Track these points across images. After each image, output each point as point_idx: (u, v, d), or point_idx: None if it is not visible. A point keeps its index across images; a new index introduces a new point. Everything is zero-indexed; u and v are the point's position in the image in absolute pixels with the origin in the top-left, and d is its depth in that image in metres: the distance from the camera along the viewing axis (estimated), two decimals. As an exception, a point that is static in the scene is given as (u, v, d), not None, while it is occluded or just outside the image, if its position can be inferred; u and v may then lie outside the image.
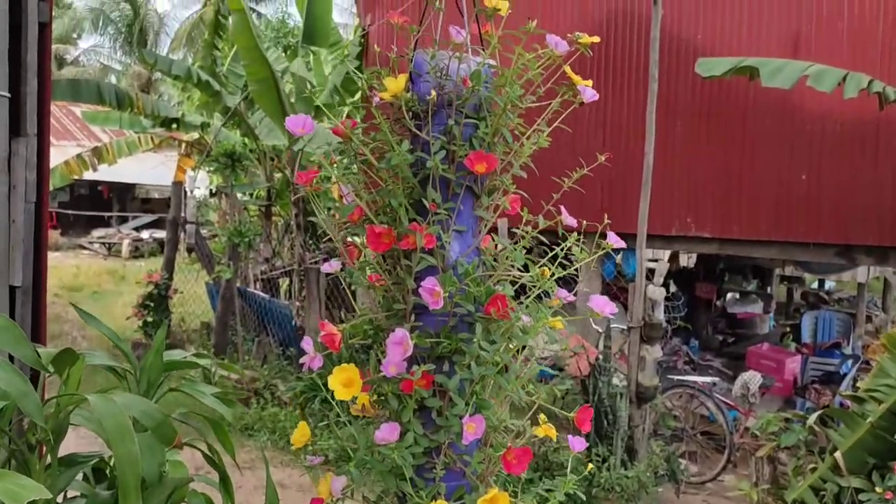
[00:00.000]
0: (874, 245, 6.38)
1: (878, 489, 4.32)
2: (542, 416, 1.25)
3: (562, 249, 1.26)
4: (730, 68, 5.68)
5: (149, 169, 19.49)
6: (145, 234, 22.02)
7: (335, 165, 1.21)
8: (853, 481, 4.55)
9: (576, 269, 1.39)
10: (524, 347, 1.26)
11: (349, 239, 1.26)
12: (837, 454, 4.68)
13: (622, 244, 1.26)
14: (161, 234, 18.81)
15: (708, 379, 7.44)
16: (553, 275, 1.24)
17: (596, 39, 1.38)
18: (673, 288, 10.41)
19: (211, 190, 19.14)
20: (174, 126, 11.23)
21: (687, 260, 12.02)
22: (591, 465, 1.98)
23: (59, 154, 13.31)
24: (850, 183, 6.34)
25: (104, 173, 18.90)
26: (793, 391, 8.37)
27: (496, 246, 1.23)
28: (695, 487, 6.42)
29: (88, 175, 12.86)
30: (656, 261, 11.75)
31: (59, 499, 1.53)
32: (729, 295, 11.82)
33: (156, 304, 9.43)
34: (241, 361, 8.44)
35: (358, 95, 9.86)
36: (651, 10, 5.82)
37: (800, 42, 6.68)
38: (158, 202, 25.27)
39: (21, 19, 2.41)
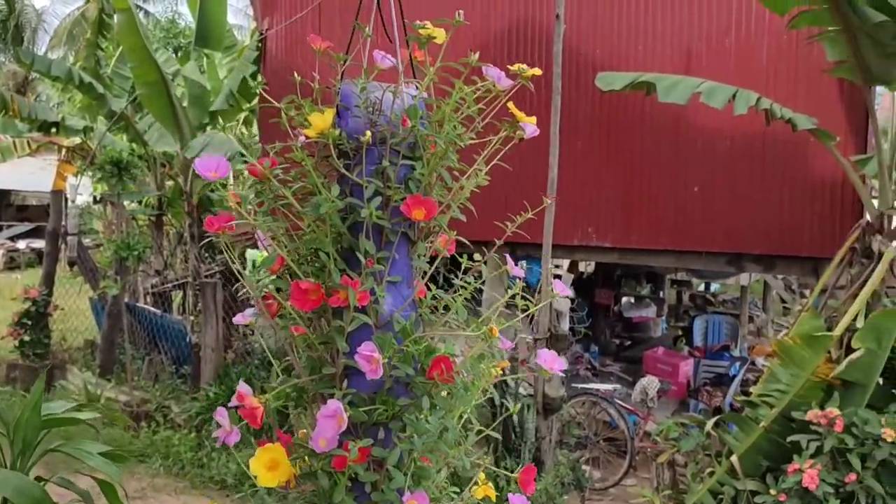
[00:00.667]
0: (762, 254, 6.69)
1: (772, 491, 4.48)
2: (481, 476, 1.16)
3: (475, 278, 1.17)
4: (628, 83, 5.80)
5: (26, 175, 18.22)
6: (21, 245, 20.54)
7: (252, 212, 1.07)
8: (748, 484, 4.72)
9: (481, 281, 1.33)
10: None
11: (267, 289, 1.12)
12: (734, 458, 4.84)
13: (567, 293, 1.19)
14: (39, 243, 17.61)
15: (609, 386, 7.61)
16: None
17: (538, 72, 1.30)
18: (573, 295, 10.64)
19: (95, 197, 18.08)
20: (53, 130, 10.49)
21: (585, 267, 12.32)
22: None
23: (-79, 159, 12.18)
24: (739, 195, 6.62)
25: (-27, 179, 17.54)
26: (686, 393, 8.70)
27: (430, 296, 1.13)
28: (599, 493, 6.54)
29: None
30: (558, 266, 11.99)
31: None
32: (624, 299, 12.21)
33: (33, 322, 8.76)
34: (130, 381, 7.95)
35: (255, 101, 9.53)
36: (553, 24, 5.89)
37: (691, 58, 6.93)
38: (36, 209, 23.71)
39: None
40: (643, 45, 7.08)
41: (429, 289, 1.21)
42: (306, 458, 1.04)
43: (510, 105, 1.22)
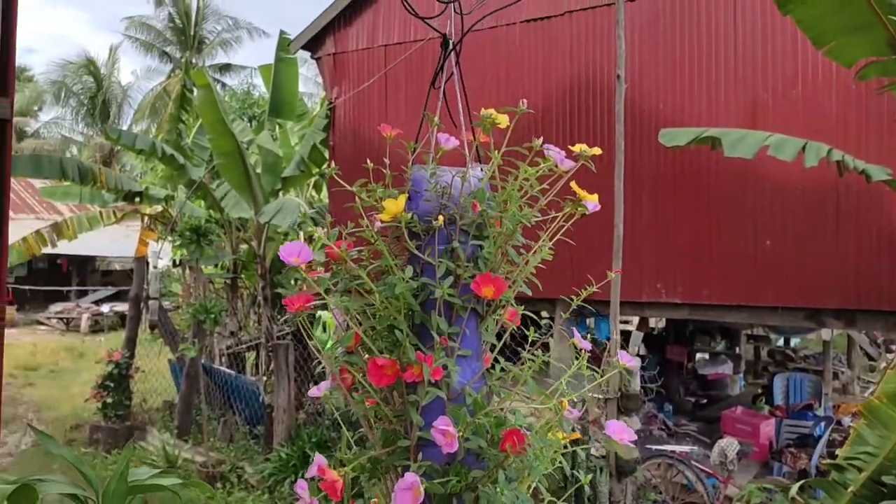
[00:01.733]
0: (841, 308, 6.45)
1: (866, 562, 4.23)
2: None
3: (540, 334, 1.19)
4: (692, 138, 5.78)
5: (109, 242, 19.15)
6: (105, 308, 21.47)
7: (331, 294, 1.13)
8: (839, 552, 4.47)
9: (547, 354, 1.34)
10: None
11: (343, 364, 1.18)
12: (822, 525, 4.61)
13: (632, 362, 1.20)
14: (122, 307, 18.39)
15: (686, 448, 7.36)
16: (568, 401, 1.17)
17: (598, 152, 1.35)
18: (644, 351, 10.41)
19: (174, 261, 18.84)
20: (137, 200, 11.08)
21: (656, 323, 12.08)
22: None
23: (17, 228, 13.00)
24: (813, 248, 6.45)
25: (64, 246, 18.56)
26: (769, 455, 8.32)
27: (499, 368, 1.16)
28: (679, 560, 6.28)
29: (48, 249, 12.57)
30: (627, 322, 11.79)
31: None
32: (699, 356, 11.87)
33: (115, 385, 9.10)
34: (205, 442, 8.13)
35: (325, 167, 9.87)
36: (615, 83, 5.95)
37: (757, 110, 6.88)
38: (119, 274, 24.81)
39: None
40: (707, 99, 7.08)
41: (497, 361, 1.25)
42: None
43: (573, 185, 1.26)
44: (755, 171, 6.63)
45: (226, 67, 31.12)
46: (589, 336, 1.48)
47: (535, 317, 1.42)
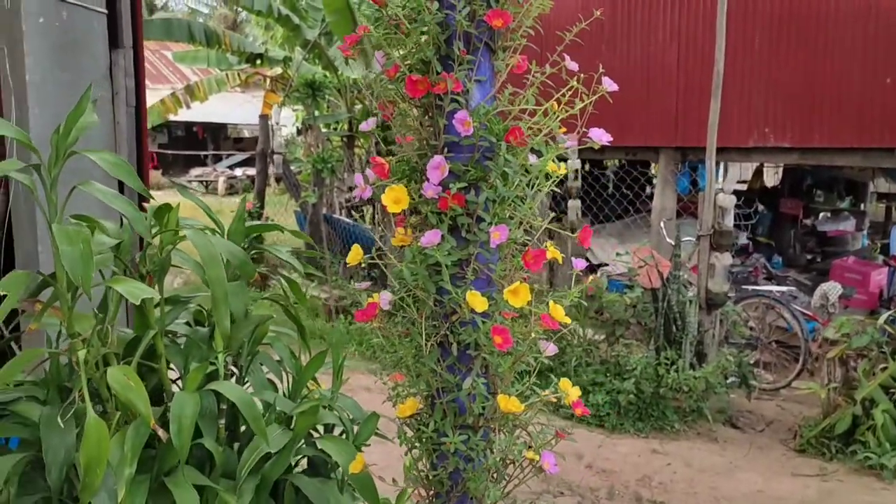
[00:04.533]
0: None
1: (948, 385, 4.33)
2: (547, 242, 1.46)
3: (563, 93, 1.42)
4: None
5: (237, 107, 20.18)
6: (238, 172, 23.00)
7: (374, 31, 1.43)
8: (924, 379, 4.58)
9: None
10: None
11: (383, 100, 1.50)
12: (909, 353, 4.70)
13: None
14: (253, 171, 19.66)
15: (784, 288, 7.40)
16: (558, 116, 1.43)
17: None
18: (760, 208, 10.21)
19: (297, 128, 19.75)
20: (258, 62, 11.65)
21: (774, 177, 11.73)
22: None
23: (156, 96, 14.03)
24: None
25: (198, 114, 19.78)
26: (878, 304, 8.21)
27: (507, 93, 1.43)
28: (768, 394, 6.52)
29: (183, 114, 13.53)
30: (745, 182, 11.52)
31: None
32: (822, 214, 11.48)
33: (249, 232, 10.01)
34: (329, 281, 8.94)
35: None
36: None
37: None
38: (249, 141, 26.17)
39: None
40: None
41: (505, 87, 1.49)
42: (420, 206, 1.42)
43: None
44: (878, 5, 6.22)
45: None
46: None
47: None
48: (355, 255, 1.61)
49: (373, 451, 2.06)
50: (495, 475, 1.49)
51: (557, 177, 1.46)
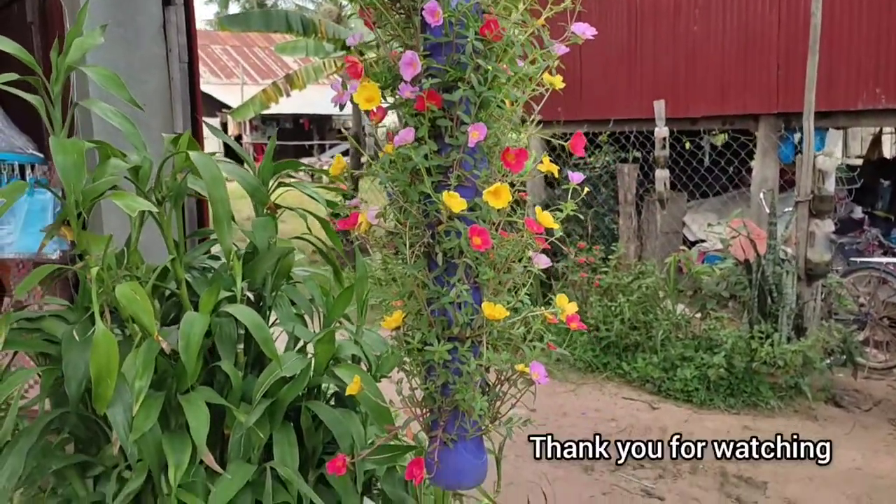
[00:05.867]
0: None
1: None
2: (538, 155, 1.38)
3: None
4: None
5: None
6: (342, 161, 23.62)
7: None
8: None
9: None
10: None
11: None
12: None
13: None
14: (355, 159, 20.13)
15: (897, 259, 6.82)
16: (545, 18, 1.34)
17: None
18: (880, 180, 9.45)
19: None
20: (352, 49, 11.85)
21: (892, 147, 10.87)
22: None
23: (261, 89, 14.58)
24: None
25: (305, 106, 20.43)
26: None
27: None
28: (879, 373, 6.04)
29: (290, 107, 13.90)
30: (862, 157, 10.73)
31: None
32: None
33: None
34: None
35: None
36: None
37: None
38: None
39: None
40: None
41: None
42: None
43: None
44: None
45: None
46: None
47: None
48: (338, 165, 1.58)
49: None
50: (483, 387, 1.43)
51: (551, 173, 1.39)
